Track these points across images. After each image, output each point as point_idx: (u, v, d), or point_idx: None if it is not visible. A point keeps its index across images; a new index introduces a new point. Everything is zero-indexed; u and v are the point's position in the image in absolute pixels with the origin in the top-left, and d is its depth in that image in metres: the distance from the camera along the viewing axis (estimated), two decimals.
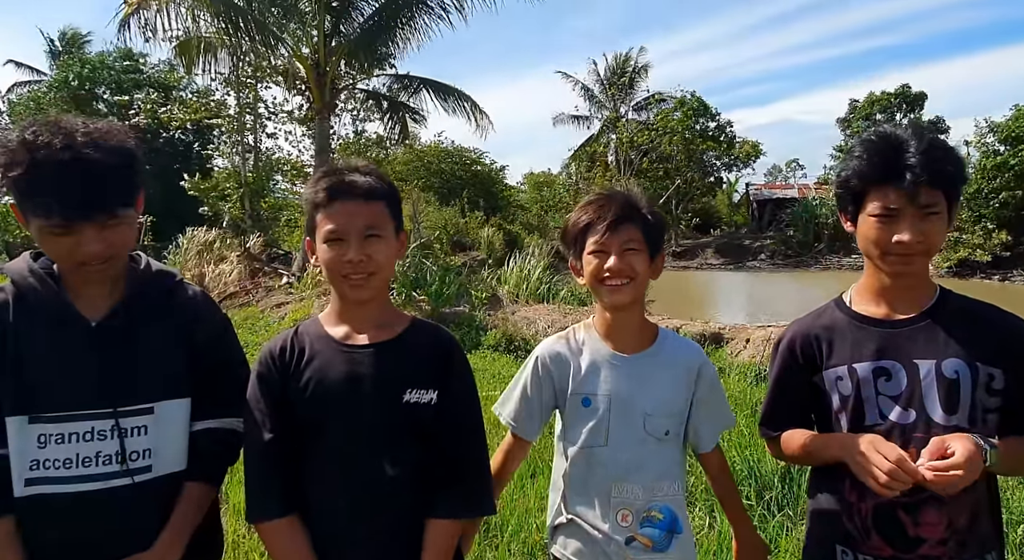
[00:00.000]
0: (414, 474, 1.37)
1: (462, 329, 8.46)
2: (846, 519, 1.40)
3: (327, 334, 1.42)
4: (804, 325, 1.50)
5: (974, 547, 1.31)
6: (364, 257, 1.34)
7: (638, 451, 1.50)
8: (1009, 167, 20.70)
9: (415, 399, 1.37)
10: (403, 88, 14.79)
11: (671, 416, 1.54)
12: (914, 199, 1.27)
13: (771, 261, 29.44)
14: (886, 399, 1.34)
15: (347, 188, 1.36)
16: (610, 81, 32.31)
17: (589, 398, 1.53)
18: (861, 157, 1.34)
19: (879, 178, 1.30)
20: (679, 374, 1.56)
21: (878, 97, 31.47)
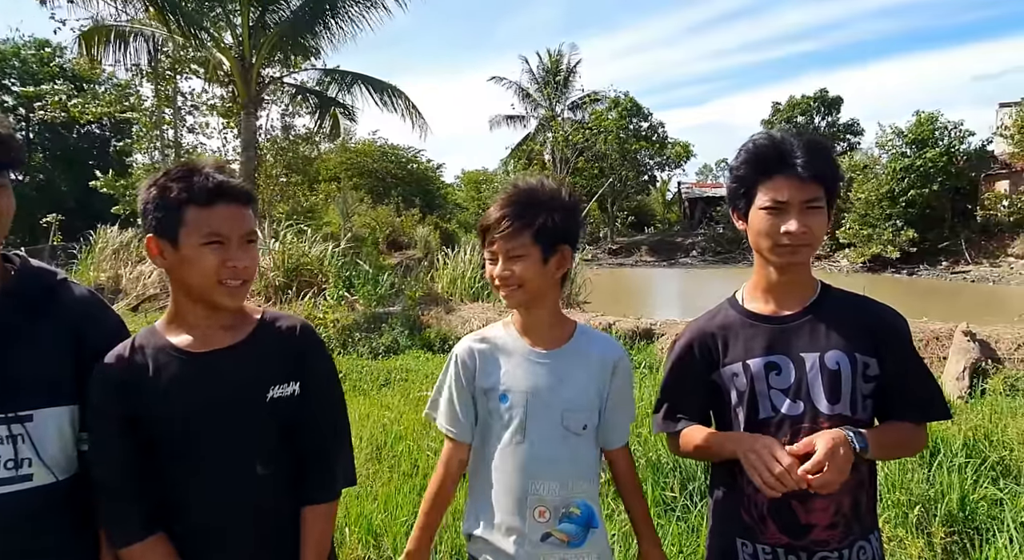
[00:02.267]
0: (287, 470, 1.36)
1: (396, 329, 8.33)
2: (743, 511, 1.44)
3: (171, 344, 1.35)
4: (701, 325, 1.55)
5: (858, 530, 1.39)
6: (249, 263, 1.32)
7: (557, 447, 1.49)
8: (914, 169, 22.13)
9: (279, 394, 1.35)
10: (334, 83, 14.35)
11: (589, 411, 1.53)
12: (800, 193, 1.35)
13: (702, 257, 30.44)
14: (777, 392, 1.40)
15: (231, 190, 1.30)
16: (545, 80, 32.56)
17: (507, 394, 1.51)
18: (752, 152, 1.41)
19: (769, 171, 1.37)
20: (596, 369, 1.55)
21: (798, 101, 32.97)
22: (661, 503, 3.27)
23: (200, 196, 1.28)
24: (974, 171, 23.02)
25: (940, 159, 21.96)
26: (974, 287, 19.50)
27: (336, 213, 15.73)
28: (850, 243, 24.09)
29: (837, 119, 33.14)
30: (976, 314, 8.62)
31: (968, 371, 5.93)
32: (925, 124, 22.52)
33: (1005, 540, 2.70)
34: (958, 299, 16.55)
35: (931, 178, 22.02)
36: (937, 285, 20.18)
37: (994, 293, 17.95)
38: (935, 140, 22.39)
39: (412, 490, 3.49)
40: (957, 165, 22.47)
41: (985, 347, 6.24)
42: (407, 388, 6.13)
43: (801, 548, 1.38)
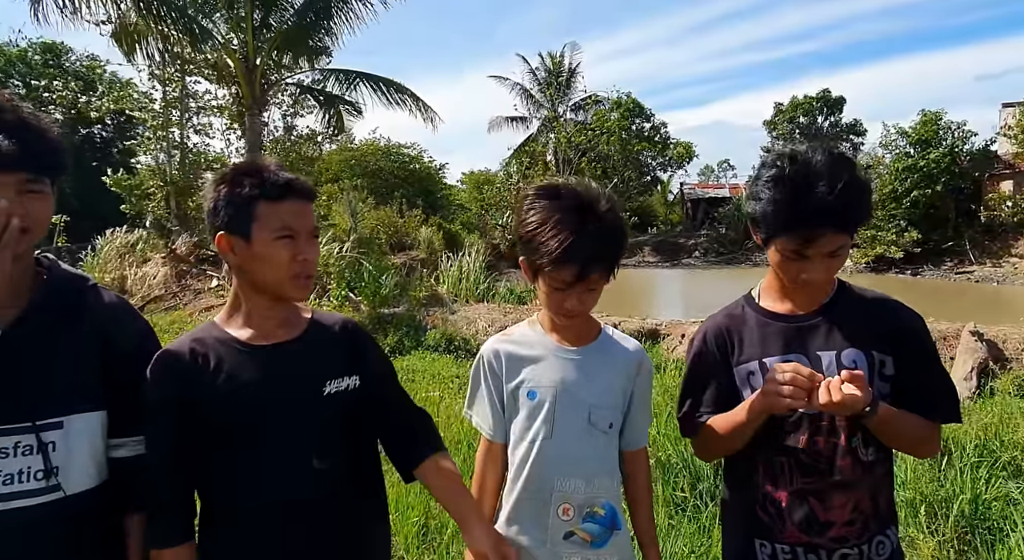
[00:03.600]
0: (344, 467, 1.38)
1: (401, 330, 8.33)
2: (760, 510, 1.43)
3: (232, 337, 1.37)
4: (715, 322, 1.55)
5: (875, 525, 1.39)
6: (313, 257, 1.36)
7: (583, 444, 1.49)
8: (918, 169, 22.10)
9: (335, 388, 1.38)
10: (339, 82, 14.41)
11: (614, 409, 1.54)
12: (828, 245, 1.30)
13: (705, 258, 30.39)
14: None
15: (298, 187, 1.34)
16: (547, 81, 32.56)
17: (535, 390, 1.51)
18: (769, 202, 1.32)
19: (791, 227, 1.31)
20: (622, 368, 1.56)
21: (800, 101, 32.95)
22: (671, 503, 3.27)
23: (272, 191, 1.30)
24: (977, 171, 22.98)
25: (944, 159, 21.92)
26: (978, 287, 19.45)
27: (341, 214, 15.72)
28: (854, 243, 23.99)
29: (840, 119, 33.11)
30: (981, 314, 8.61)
31: (976, 371, 5.92)
32: (929, 124, 22.49)
33: (1018, 539, 2.69)
34: (963, 299, 16.52)
35: (935, 178, 21.99)
36: (941, 285, 20.14)
37: (999, 293, 17.90)
38: (939, 140, 22.36)
39: (423, 491, 3.49)
40: (960, 165, 22.44)
41: (992, 347, 6.23)
42: (413, 389, 6.14)
43: (820, 546, 1.38)
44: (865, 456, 1.37)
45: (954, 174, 22.20)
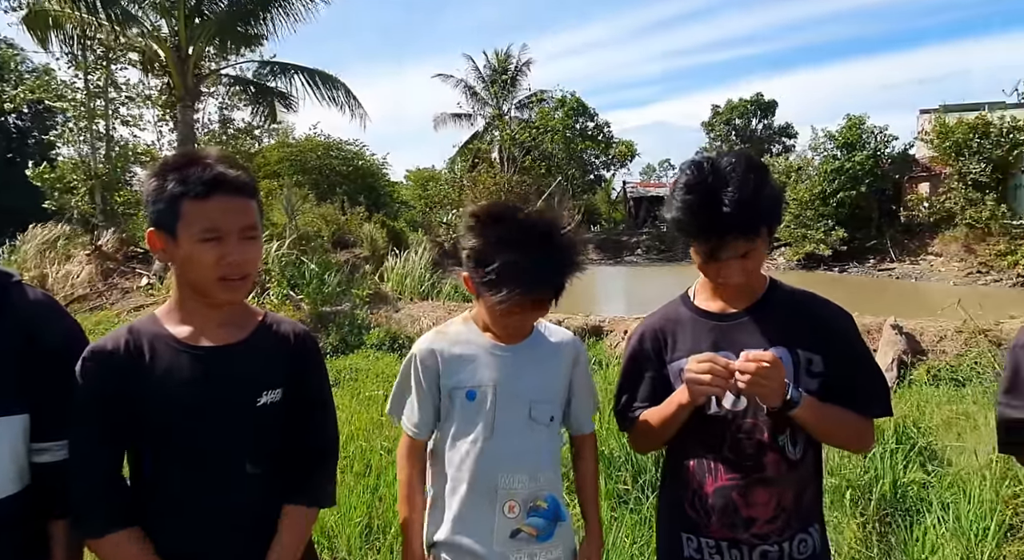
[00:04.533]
0: (274, 468, 1.35)
1: (344, 328, 8.18)
2: (689, 507, 1.48)
3: (169, 333, 1.31)
4: (653, 321, 1.59)
5: (798, 523, 1.44)
6: (246, 259, 1.27)
7: (525, 439, 1.50)
8: (844, 171, 23.19)
9: (270, 400, 1.33)
10: (272, 74, 13.98)
11: (555, 402, 1.56)
12: (735, 249, 1.36)
13: (647, 256, 31.07)
14: None
15: (228, 182, 1.25)
16: (492, 78, 32.56)
17: (474, 390, 1.50)
18: (684, 210, 1.37)
19: (700, 235, 1.38)
20: (558, 360, 1.58)
21: (736, 104, 34.12)
22: (614, 496, 3.33)
23: (195, 189, 1.22)
24: (898, 174, 24.30)
25: (867, 162, 23.08)
26: (899, 283, 20.62)
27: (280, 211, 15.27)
28: (786, 242, 25.06)
29: (772, 122, 34.49)
30: (901, 309, 9.12)
31: (896, 362, 6.28)
32: (853, 128, 23.63)
33: (933, 520, 2.88)
34: (885, 295, 17.47)
35: (859, 180, 23.12)
36: (865, 282, 21.24)
37: (916, 289, 19.03)
38: (863, 144, 23.53)
39: (365, 490, 3.44)
40: (883, 168, 23.67)
41: (911, 339, 6.62)
42: (357, 388, 6.05)
43: (743, 542, 1.42)
44: (792, 454, 1.41)
45: (877, 176, 23.41)
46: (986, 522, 2.73)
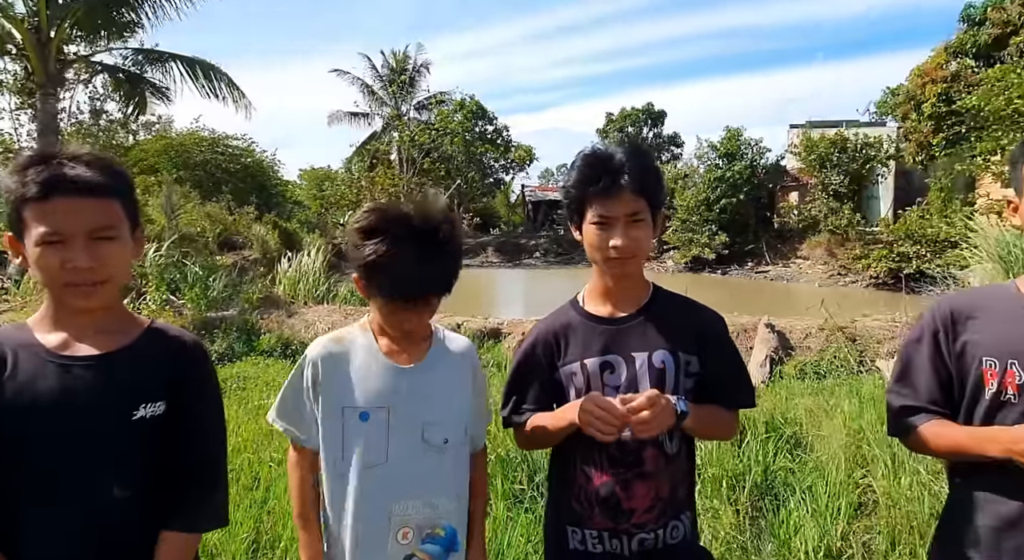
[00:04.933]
0: (146, 491, 1.25)
1: (231, 335, 7.76)
2: (575, 501, 1.56)
3: (36, 342, 1.21)
4: (544, 326, 1.64)
5: (672, 511, 1.55)
6: (93, 264, 1.16)
7: (418, 464, 1.46)
8: (725, 179, 24.87)
9: (149, 414, 1.24)
10: (149, 62, 13.01)
11: (451, 423, 1.51)
12: (625, 207, 1.46)
13: (545, 258, 31.73)
14: (611, 389, 1.52)
15: (68, 182, 1.15)
16: (390, 78, 32.07)
17: (367, 412, 1.44)
18: (582, 169, 1.50)
19: (597, 187, 1.46)
20: (458, 377, 1.55)
21: (628, 112, 35.62)
22: (511, 496, 3.39)
23: (32, 190, 1.13)
24: (771, 183, 26.35)
25: (745, 171, 24.87)
26: (772, 285, 22.38)
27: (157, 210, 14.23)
28: (675, 246, 26.50)
29: (662, 131, 36.28)
30: (774, 308, 9.92)
31: (769, 358, 6.82)
32: (732, 139, 25.39)
33: (796, 502, 3.15)
34: (761, 295, 18.89)
35: (738, 188, 24.86)
36: (745, 283, 22.87)
37: (788, 290, 20.72)
38: (741, 154, 25.33)
39: (253, 504, 3.29)
40: (758, 177, 25.58)
41: (782, 337, 7.21)
42: (245, 397, 5.75)
43: (623, 531, 1.51)
44: (670, 449, 1.52)
45: (753, 185, 25.26)
46: (839, 502, 3.04)
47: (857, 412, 4.19)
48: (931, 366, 1.44)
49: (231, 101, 13.53)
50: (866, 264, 20.48)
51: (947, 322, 1.43)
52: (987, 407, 1.35)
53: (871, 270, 20.27)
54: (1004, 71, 12.16)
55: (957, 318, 1.42)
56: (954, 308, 1.44)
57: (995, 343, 1.35)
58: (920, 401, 1.45)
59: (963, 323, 1.41)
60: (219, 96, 13.42)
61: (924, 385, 1.45)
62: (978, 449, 1.31)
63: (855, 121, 25.41)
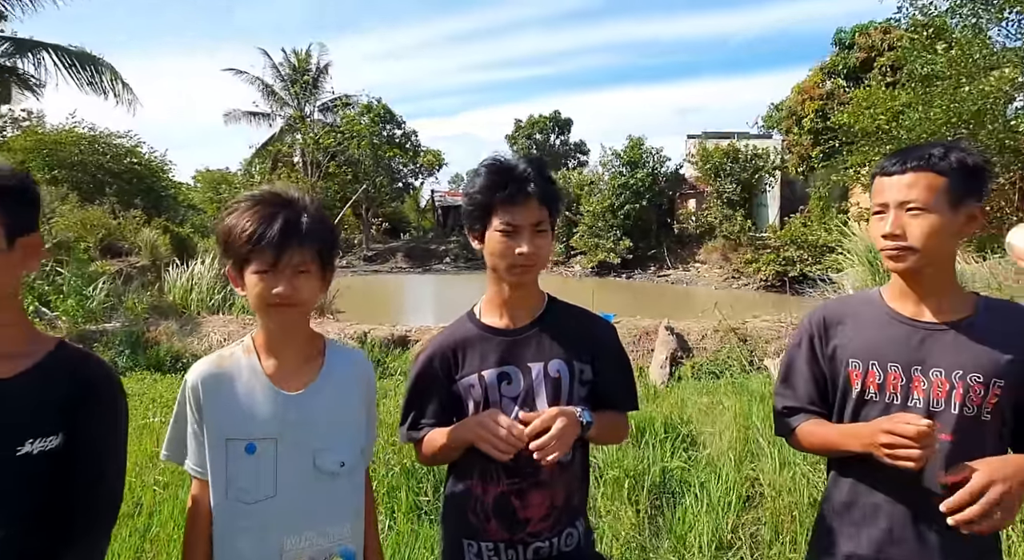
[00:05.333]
0: (26, 531, 1.11)
1: (114, 349, 7.19)
2: (471, 513, 1.55)
3: None
4: (441, 339, 1.62)
5: (566, 519, 1.58)
6: None
7: (311, 494, 1.38)
8: (629, 186, 25.84)
9: (37, 449, 1.11)
10: (19, 51, 11.85)
11: (345, 446, 1.44)
12: (531, 216, 1.48)
13: (455, 264, 31.67)
14: (508, 400, 1.53)
15: None
16: (292, 78, 30.96)
17: (253, 443, 1.34)
18: (486, 176, 1.50)
19: (501, 196, 1.47)
20: (352, 394, 1.47)
21: (536, 119, 36.28)
22: (416, 508, 3.33)
23: None
24: (671, 190, 27.64)
25: (647, 179, 25.96)
26: (673, 288, 23.44)
27: None
28: (582, 251, 27.21)
29: (568, 138, 37.21)
30: (675, 311, 10.38)
31: (669, 360, 7.11)
32: (635, 148, 26.44)
33: (692, 498, 3.29)
34: (663, 298, 19.73)
35: (641, 195, 25.90)
36: (648, 287, 23.82)
37: (687, 293, 21.77)
38: (643, 162, 26.41)
39: (134, 533, 3.05)
40: (659, 185, 26.77)
41: (681, 339, 7.55)
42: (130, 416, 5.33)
43: (519, 541, 1.52)
44: (565, 458, 1.52)
45: (655, 192, 26.40)
46: (730, 497, 3.20)
47: (747, 409, 4.44)
48: (808, 369, 1.55)
49: (114, 95, 12.58)
50: (756, 268, 21.89)
51: (820, 327, 1.53)
52: (854, 405, 1.46)
53: (761, 273, 21.69)
54: (870, 92, 13.36)
55: (829, 324, 1.53)
56: (826, 314, 1.55)
57: (859, 346, 1.46)
58: (800, 402, 1.56)
59: (834, 328, 1.52)
60: (102, 90, 12.45)
61: (803, 387, 1.55)
62: (844, 445, 1.42)
63: (746, 133, 27.13)
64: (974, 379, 1.35)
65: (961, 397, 1.35)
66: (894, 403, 1.41)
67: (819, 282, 11.23)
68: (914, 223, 1.34)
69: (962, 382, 1.35)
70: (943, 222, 1.32)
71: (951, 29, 11.41)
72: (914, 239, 1.34)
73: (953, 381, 1.36)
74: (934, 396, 1.37)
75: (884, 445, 1.27)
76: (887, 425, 1.28)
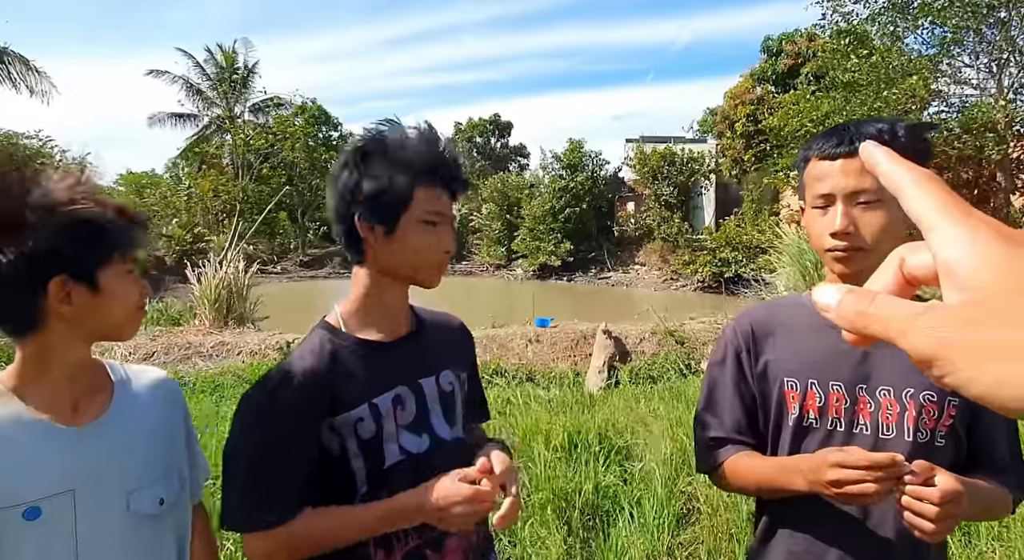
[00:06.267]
0: None
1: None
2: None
3: None
4: (304, 367, 1.18)
5: (479, 552, 1.33)
6: None
7: (128, 547, 1.10)
8: (569, 189, 25.92)
9: None
10: None
11: (161, 479, 1.15)
12: (451, 207, 1.22)
13: None
14: (403, 430, 1.21)
15: None
16: (219, 77, 29.67)
17: (36, 507, 1.01)
18: (411, 151, 1.17)
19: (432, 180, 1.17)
20: (161, 418, 1.19)
21: (476, 123, 36.04)
22: None
23: None
24: (611, 193, 27.91)
25: (587, 182, 26.11)
26: (613, 290, 23.58)
27: None
28: (523, 254, 27.10)
29: (508, 141, 37.14)
30: (614, 313, 10.29)
31: (607, 364, 6.96)
32: (575, 151, 26.56)
33: (626, 517, 3.07)
34: (604, 301, 19.77)
35: (581, 198, 26.02)
36: (589, 289, 23.87)
37: (627, 295, 21.91)
38: (583, 166, 26.57)
39: None
40: (599, 188, 26.97)
41: (619, 343, 7.41)
42: None
43: None
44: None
45: (595, 195, 26.58)
46: (664, 516, 3.00)
47: (684, 417, 4.27)
48: (735, 390, 1.30)
49: (26, 88, 11.65)
50: (693, 269, 22.26)
51: (748, 339, 1.29)
52: (792, 433, 1.22)
53: (698, 275, 22.07)
54: (797, 97, 13.73)
55: (758, 335, 1.28)
56: (754, 323, 1.30)
57: (795, 362, 1.22)
58: (726, 431, 1.30)
59: (764, 340, 1.28)
60: (10, 82, 11.49)
61: (729, 412, 1.30)
62: (783, 482, 1.18)
63: (681, 138, 27.70)
64: (927, 398, 1.13)
65: (914, 420, 1.13)
66: (837, 429, 1.18)
67: (753, 283, 11.38)
68: (867, 217, 1.11)
69: (914, 402, 1.13)
70: (900, 215, 1.09)
71: (872, 37, 11.82)
72: (869, 236, 1.11)
73: (904, 401, 1.14)
74: (883, 420, 1.15)
75: (832, 482, 1.04)
76: (836, 457, 1.05)
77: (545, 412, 4.58)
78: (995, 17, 10.71)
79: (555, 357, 7.44)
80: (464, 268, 29.59)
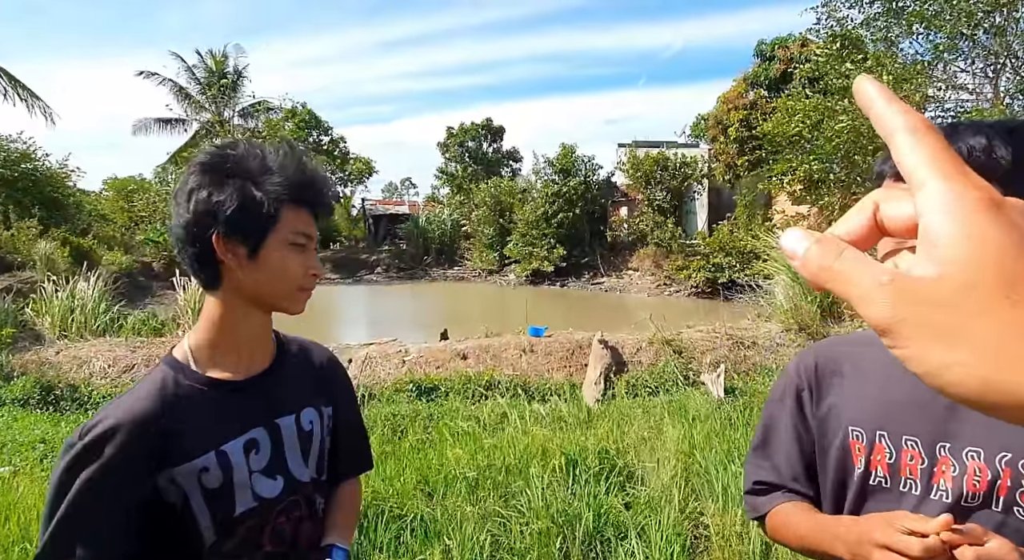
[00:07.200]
0: None
1: None
2: None
3: None
4: (138, 412, 1.00)
5: None
6: None
7: None
8: (562, 194, 25.76)
9: None
10: None
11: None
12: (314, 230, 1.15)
13: (386, 274, 30.73)
14: (257, 475, 1.10)
15: None
16: (209, 81, 29.35)
17: None
18: (280, 169, 1.07)
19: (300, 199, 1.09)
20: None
21: (468, 127, 35.84)
22: None
23: None
24: (604, 198, 27.76)
25: (579, 187, 25.94)
26: (607, 296, 23.38)
27: None
28: (515, 259, 26.89)
29: (501, 146, 36.95)
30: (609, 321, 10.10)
31: (603, 375, 6.75)
32: (567, 156, 26.42)
33: (629, 547, 2.87)
34: (597, 308, 19.57)
35: (574, 203, 25.85)
36: (583, 295, 23.67)
37: (621, 301, 21.74)
38: (575, 170, 26.42)
39: None
40: (592, 192, 26.82)
41: (615, 353, 7.21)
42: None
43: None
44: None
45: (588, 200, 26.41)
46: (672, 545, 2.79)
47: (687, 434, 4.07)
48: (794, 433, 1.13)
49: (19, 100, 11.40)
50: (687, 275, 22.11)
51: (811, 377, 1.11)
52: (856, 491, 1.03)
53: (692, 280, 21.92)
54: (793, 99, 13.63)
55: (823, 373, 1.11)
56: (819, 360, 1.12)
57: (862, 409, 1.04)
58: (779, 478, 1.14)
59: (829, 380, 1.10)
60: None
61: (784, 457, 1.14)
62: (823, 546, 0.99)
63: (674, 142, 27.58)
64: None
65: (1007, 491, 0.92)
66: (911, 492, 0.98)
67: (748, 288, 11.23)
68: None
69: (1011, 470, 0.92)
70: None
71: (866, 42, 11.74)
72: None
73: (998, 467, 0.93)
74: (968, 487, 0.94)
75: None
76: (883, 537, 0.85)
77: (541, 429, 4.37)
78: (990, 22, 10.65)
79: (550, 367, 7.23)
80: (456, 274, 29.37)
